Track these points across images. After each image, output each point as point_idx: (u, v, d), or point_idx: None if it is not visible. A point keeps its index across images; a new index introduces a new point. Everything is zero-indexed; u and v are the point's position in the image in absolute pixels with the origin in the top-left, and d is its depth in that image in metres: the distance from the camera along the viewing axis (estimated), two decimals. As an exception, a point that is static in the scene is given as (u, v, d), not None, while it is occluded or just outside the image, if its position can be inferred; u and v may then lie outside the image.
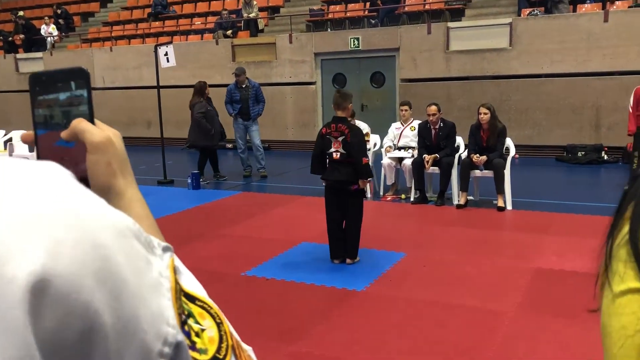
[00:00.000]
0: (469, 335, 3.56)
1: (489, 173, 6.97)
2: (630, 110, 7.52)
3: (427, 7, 12.39)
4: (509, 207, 6.80)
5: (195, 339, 0.47)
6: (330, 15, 13.54)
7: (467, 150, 7.19)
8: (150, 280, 0.45)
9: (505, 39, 10.62)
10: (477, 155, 6.90)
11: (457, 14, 12.05)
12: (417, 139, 7.55)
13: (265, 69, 12.75)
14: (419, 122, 7.66)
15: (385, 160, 7.73)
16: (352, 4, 13.74)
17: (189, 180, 8.44)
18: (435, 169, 7.24)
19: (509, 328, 3.64)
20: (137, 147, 13.97)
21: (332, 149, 4.86)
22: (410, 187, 7.45)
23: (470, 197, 7.19)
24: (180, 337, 0.45)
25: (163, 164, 9.25)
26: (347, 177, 4.81)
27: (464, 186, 6.96)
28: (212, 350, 0.47)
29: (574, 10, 10.87)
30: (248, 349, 0.55)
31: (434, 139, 7.34)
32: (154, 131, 12.46)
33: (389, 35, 11.64)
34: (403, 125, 8.01)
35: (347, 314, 3.95)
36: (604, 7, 10.52)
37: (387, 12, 12.46)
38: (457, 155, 7.33)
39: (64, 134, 0.60)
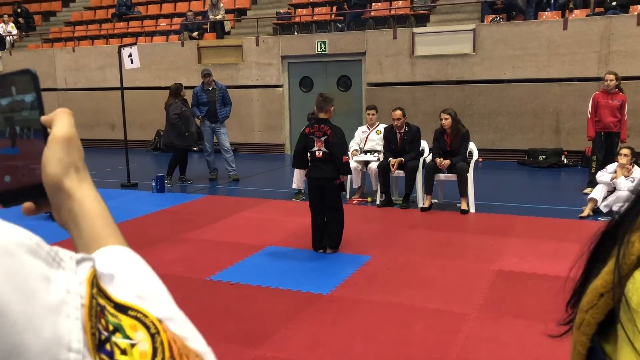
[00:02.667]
0: (432, 337, 3.60)
1: (452, 176, 7.08)
2: (589, 116, 7.73)
3: (392, 12, 12.51)
4: (472, 209, 6.91)
5: (119, 358, 0.42)
6: (297, 19, 13.55)
7: (431, 154, 7.29)
8: (47, 302, 0.40)
9: (468, 45, 10.81)
10: (441, 159, 7.00)
11: (422, 20, 12.21)
12: (382, 143, 7.62)
13: (232, 72, 12.68)
14: (385, 126, 7.74)
15: (352, 164, 7.75)
16: (319, 8, 13.78)
17: (154, 184, 8.32)
18: (401, 173, 7.31)
19: (471, 330, 3.70)
20: (100, 149, 13.71)
21: (315, 148, 5.24)
22: (376, 191, 7.51)
23: (435, 200, 7.28)
24: None
25: (127, 167, 9.11)
26: (329, 174, 5.20)
27: (428, 189, 7.05)
28: None
29: (535, 18, 11.14)
30: (205, 351, 0.50)
31: (399, 143, 7.41)
32: (118, 133, 12.26)
33: (356, 39, 11.72)
34: (369, 129, 8.08)
35: (312, 317, 3.96)
36: (563, 15, 10.81)
37: (354, 17, 12.55)
38: (421, 159, 7.43)
39: (44, 118, 0.60)
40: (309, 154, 5.34)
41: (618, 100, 7.55)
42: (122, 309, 0.45)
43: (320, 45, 11.92)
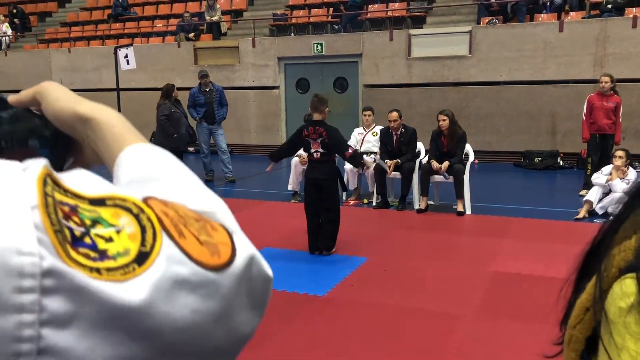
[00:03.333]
0: (428, 338, 3.60)
1: (449, 178, 7.09)
2: (584, 118, 7.76)
3: (389, 14, 12.53)
4: (468, 211, 6.92)
5: (105, 246, 0.40)
6: (293, 20, 13.56)
7: (428, 155, 7.30)
8: None
9: (465, 47, 10.83)
10: (437, 163, 6.99)
11: (419, 22, 12.24)
12: (379, 145, 7.62)
13: (228, 73, 12.67)
14: (381, 127, 7.74)
15: (348, 166, 7.76)
16: (316, 10, 13.80)
17: (149, 185, 8.28)
18: (397, 174, 7.32)
19: (466, 331, 3.71)
20: (96, 150, 13.66)
21: (312, 150, 5.27)
22: (373, 192, 7.52)
23: (431, 202, 7.29)
24: (50, 262, 0.37)
25: (123, 168, 9.07)
26: (327, 174, 5.27)
27: (424, 191, 7.06)
28: (134, 248, 0.41)
29: (531, 20, 11.17)
30: (213, 210, 0.48)
31: (396, 145, 7.42)
32: (114, 134, 12.22)
33: (352, 41, 11.73)
34: (365, 131, 8.08)
35: (308, 319, 3.95)
36: (559, 18, 10.85)
37: (350, 18, 12.56)
38: (418, 161, 7.44)
39: (11, 99, 0.60)
40: (306, 155, 5.43)
41: (613, 103, 7.57)
42: (100, 201, 0.43)
43: (317, 46, 11.93)
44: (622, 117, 7.77)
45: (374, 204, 7.40)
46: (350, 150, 5.32)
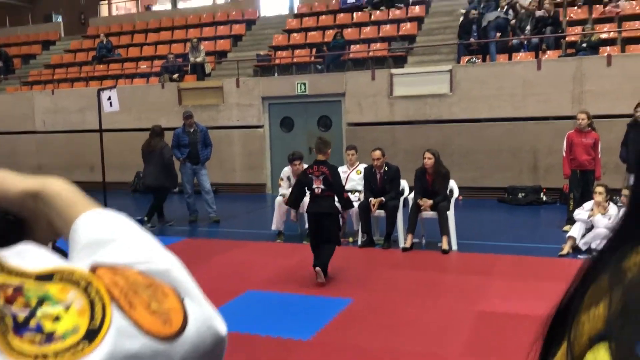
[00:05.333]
0: (415, 383, 3.54)
1: (434, 215, 7.10)
2: (565, 155, 7.86)
3: (371, 54, 12.76)
4: (455, 247, 6.92)
5: (52, 327, 0.39)
6: (277, 61, 13.74)
7: (414, 193, 7.33)
8: None
9: (446, 85, 11.01)
10: (424, 199, 7.03)
11: (400, 61, 12.46)
12: (363, 183, 7.64)
13: (212, 113, 12.73)
14: (365, 166, 7.77)
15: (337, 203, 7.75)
16: (299, 50, 14.01)
17: (132, 227, 8.18)
18: (382, 213, 7.32)
19: (454, 374, 3.65)
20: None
21: (314, 186, 5.78)
22: (357, 231, 7.49)
23: (416, 240, 7.27)
24: None
25: (105, 210, 8.95)
26: (327, 209, 5.78)
27: (411, 228, 7.06)
28: (84, 324, 0.40)
29: (510, 59, 11.43)
30: (166, 268, 0.49)
31: (380, 183, 7.44)
32: (97, 175, 12.12)
33: (335, 80, 11.89)
34: (349, 169, 8.11)
35: (292, 364, 3.87)
36: (537, 56, 11.11)
37: (333, 58, 12.76)
38: (402, 199, 7.45)
39: None
40: (308, 192, 5.90)
41: (591, 139, 7.70)
42: (45, 277, 0.42)
43: (301, 86, 12.06)
44: (601, 152, 7.89)
45: (359, 242, 7.36)
46: (346, 194, 5.91)
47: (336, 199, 5.90)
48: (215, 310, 0.49)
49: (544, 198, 10.19)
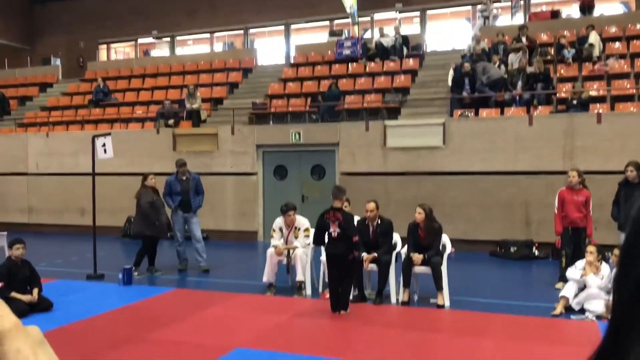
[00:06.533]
0: None
1: (427, 269, 7.05)
2: (556, 212, 7.89)
3: (365, 104, 12.93)
4: (447, 303, 6.85)
5: None
6: (272, 109, 13.88)
7: (406, 247, 7.29)
8: None
9: (439, 138, 11.13)
10: (416, 255, 7.00)
11: (394, 113, 12.62)
12: (355, 236, 7.59)
13: (206, 159, 12.76)
14: (358, 218, 7.74)
15: (324, 257, 7.68)
16: (294, 99, 14.18)
17: (120, 276, 8.08)
18: (374, 267, 7.25)
19: None
20: (69, 234, 13.41)
21: (331, 230, 6.46)
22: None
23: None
24: None
25: (94, 257, 8.85)
26: (343, 250, 6.43)
27: (406, 283, 7.00)
28: None
29: (502, 113, 11.60)
30: None
31: (372, 236, 7.40)
32: (87, 219, 12.02)
33: (329, 130, 12.00)
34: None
35: None
36: (528, 112, 11.29)
37: (328, 108, 12.91)
38: (394, 253, 7.40)
39: None
40: (326, 234, 6.51)
41: (583, 197, 7.74)
42: None
43: (295, 135, 12.15)
44: (593, 208, 7.92)
45: (351, 297, 7.25)
46: (356, 238, 6.51)
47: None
48: None
49: (536, 252, 10.16)
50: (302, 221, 7.90)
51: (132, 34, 21.16)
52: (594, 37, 12.49)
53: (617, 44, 13.02)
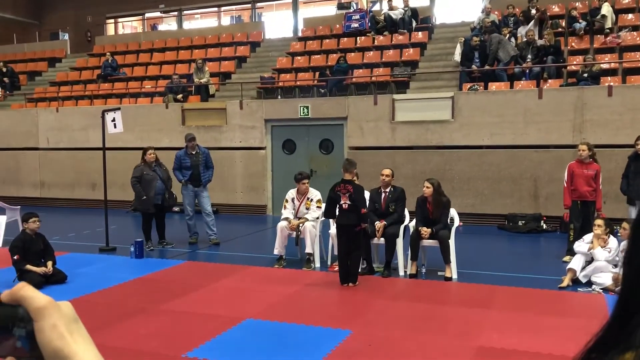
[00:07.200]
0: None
1: (435, 243, 7.12)
2: (565, 185, 7.88)
3: (373, 79, 12.86)
4: (455, 276, 6.92)
5: None
6: (280, 84, 13.84)
7: (415, 221, 7.35)
8: None
9: (447, 112, 11.08)
10: (424, 228, 7.06)
11: (402, 86, 12.55)
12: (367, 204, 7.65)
13: (215, 134, 12.80)
14: (367, 192, 7.78)
15: (333, 230, 7.76)
16: (302, 73, 14.12)
17: (132, 249, 8.21)
18: (381, 240, 7.33)
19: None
20: (81, 209, 13.58)
21: (342, 202, 6.61)
22: (357, 258, 7.48)
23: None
24: None
25: (106, 230, 8.98)
26: (353, 221, 6.56)
27: (413, 256, 7.08)
28: None
29: (511, 87, 11.51)
30: None
31: (383, 203, 7.46)
32: (99, 193, 12.16)
33: (338, 104, 11.97)
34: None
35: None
36: (538, 85, 11.19)
37: (336, 83, 12.85)
38: (402, 226, 7.46)
39: (4, 296, 0.62)
40: (337, 206, 6.63)
41: (592, 170, 7.72)
42: None
43: (303, 109, 12.14)
44: (602, 182, 7.91)
45: (359, 270, 7.35)
46: (364, 210, 6.66)
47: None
48: None
49: (544, 226, 10.19)
50: (314, 192, 8.00)
51: (139, 8, 21.02)
52: (606, 9, 12.29)
53: (630, 16, 12.81)
